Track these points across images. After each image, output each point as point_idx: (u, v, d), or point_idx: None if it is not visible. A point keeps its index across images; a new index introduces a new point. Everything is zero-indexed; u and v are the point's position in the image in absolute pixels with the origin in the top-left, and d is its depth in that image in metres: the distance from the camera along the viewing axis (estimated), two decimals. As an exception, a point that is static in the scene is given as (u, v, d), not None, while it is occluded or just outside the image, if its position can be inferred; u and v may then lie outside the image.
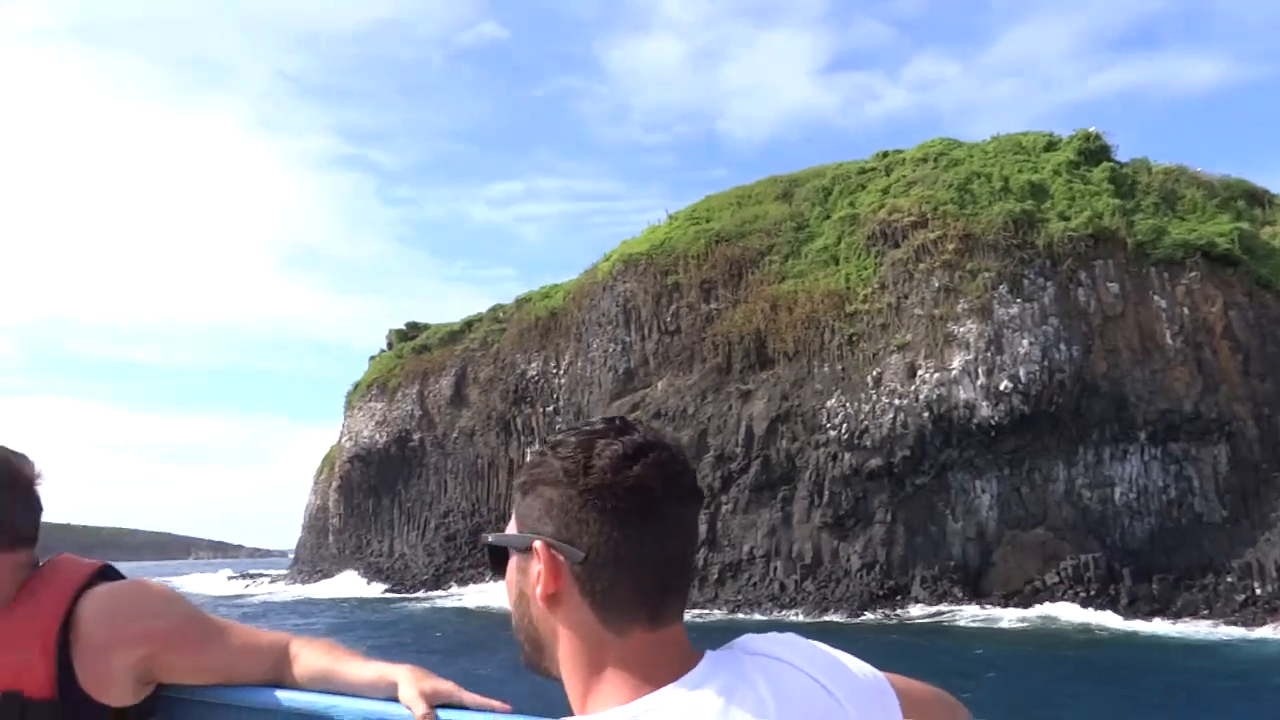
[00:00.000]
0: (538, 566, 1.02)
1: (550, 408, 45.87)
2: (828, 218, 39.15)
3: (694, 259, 39.42)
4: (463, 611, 35.74)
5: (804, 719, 1.00)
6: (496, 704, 1.36)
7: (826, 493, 32.98)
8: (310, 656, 1.54)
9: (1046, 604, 29.11)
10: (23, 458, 1.56)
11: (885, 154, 41.02)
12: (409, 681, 1.40)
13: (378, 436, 54.86)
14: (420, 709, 1.35)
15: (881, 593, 31.17)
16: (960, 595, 30.52)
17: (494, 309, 54.22)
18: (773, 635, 1.08)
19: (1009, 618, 28.02)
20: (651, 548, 1.01)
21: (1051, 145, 38.08)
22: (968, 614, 28.92)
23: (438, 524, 50.40)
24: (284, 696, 1.48)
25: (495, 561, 1.08)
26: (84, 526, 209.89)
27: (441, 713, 1.35)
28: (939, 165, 38.22)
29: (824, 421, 33.53)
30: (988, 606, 29.75)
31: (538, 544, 1.02)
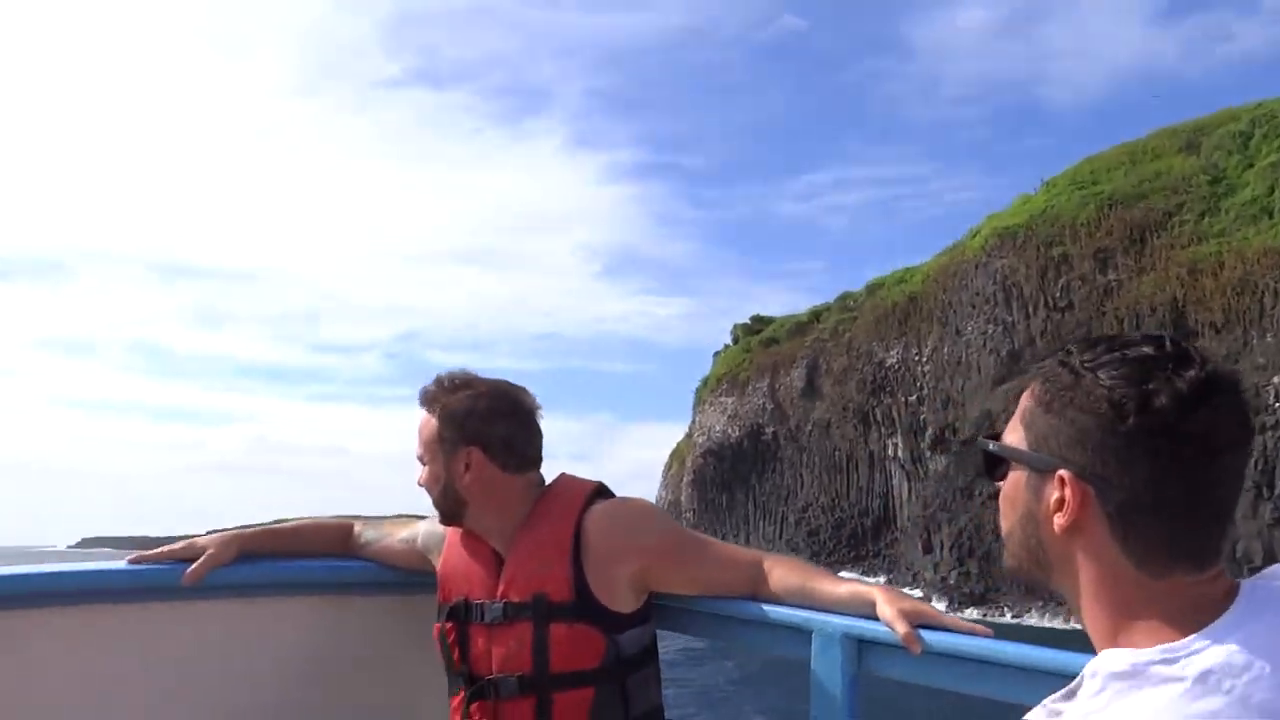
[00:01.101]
0: (1056, 494, 0.92)
1: (913, 396, 43.31)
2: (1250, 166, 33.46)
3: (1083, 227, 35.29)
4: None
5: None
6: (979, 628, 1.38)
7: (1278, 485, 27.94)
8: (784, 573, 1.64)
9: None
10: (522, 389, 1.73)
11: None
12: (887, 601, 1.45)
13: (730, 431, 55.10)
14: (902, 627, 1.39)
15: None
16: None
17: (842, 297, 52.48)
18: None
19: None
20: (1205, 497, 0.89)
21: None
22: None
23: (797, 519, 49.50)
24: (766, 609, 1.58)
25: (989, 466, 1.00)
26: None
27: (923, 632, 1.37)
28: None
29: (1271, 400, 28.47)
30: None
31: (1064, 473, 0.91)
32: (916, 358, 44.14)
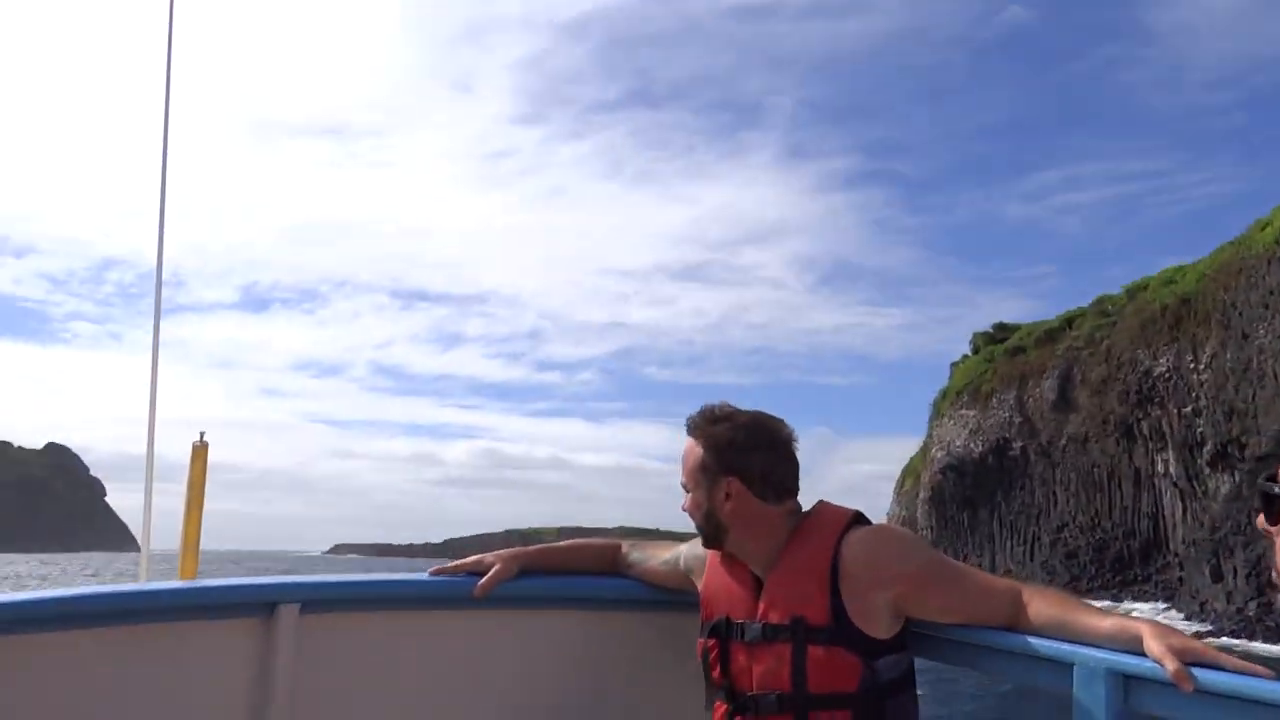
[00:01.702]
0: None
1: (1188, 408, 39.21)
2: None
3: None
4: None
5: None
6: (1259, 669, 1.32)
7: None
8: (1043, 604, 1.61)
9: None
10: (779, 421, 1.81)
11: None
12: (1155, 636, 1.41)
13: (972, 445, 52.21)
14: (1172, 664, 1.34)
15: None
16: None
17: (1098, 301, 48.55)
18: None
19: None
20: None
21: None
22: None
23: (1051, 539, 46.10)
24: (1026, 640, 1.57)
25: (1268, 506, 1.03)
26: (681, 532, 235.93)
27: (1196, 671, 1.32)
28: None
29: None
30: None
31: None
32: (1191, 365, 39.96)
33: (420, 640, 1.95)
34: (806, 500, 1.86)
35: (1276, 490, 0.97)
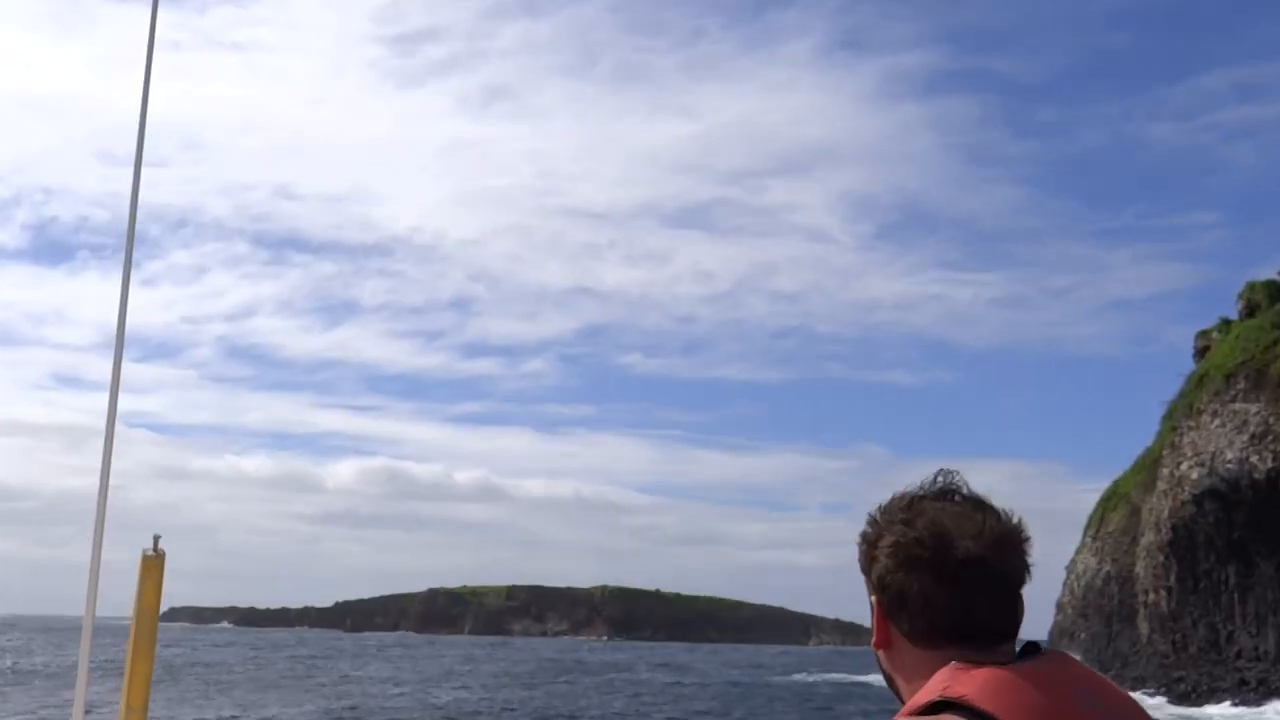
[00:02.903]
0: None
1: None
2: None
3: None
4: None
5: None
6: None
7: None
8: None
9: None
10: (976, 520, 1.75)
11: None
12: None
13: (1254, 459, 41.71)
14: None
15: None
16: None
17: None
18: None
19: None
20: None
21: None
22: None
23: None
24: None
25: None
26: (674, 595, 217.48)
27: None
28: None
29: None
30: None
31: None
32: None
33: None
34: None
35: None
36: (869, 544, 1.77)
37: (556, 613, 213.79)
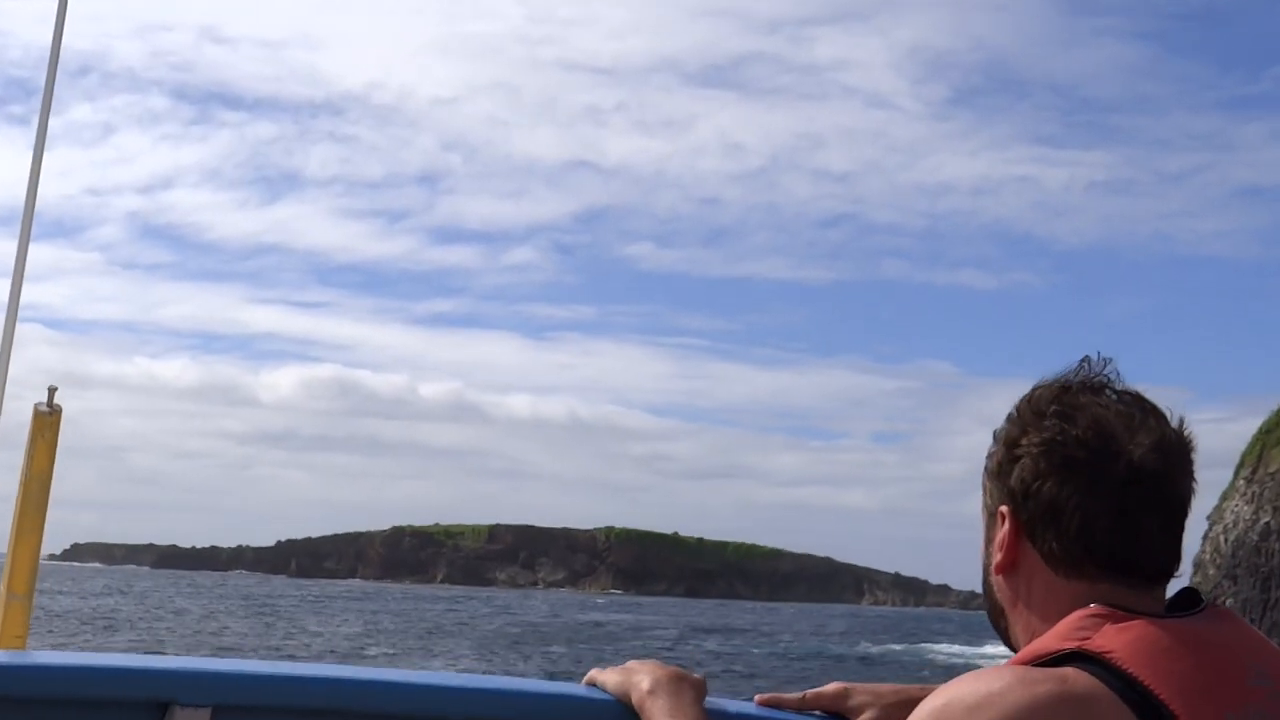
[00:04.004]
0: None
1: None
2: None
3: None
4: None
5: None
6: None
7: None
8: None
9: None
10: (1141, 425, 1.78)
11: None
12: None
13: None
14: None
15: None
16: None
17: None
18: None
19: None
20: None
21: None
22: None
23: None
24: None
25: None
26: (695, 540, 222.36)
27: None
28: None
29: None
30: None
31: None
32: None
33: None
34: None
35: None
36: (1008, 443, 1.77)
37: (550, 559, 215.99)
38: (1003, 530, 1.77)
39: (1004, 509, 1.78)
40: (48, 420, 2.42)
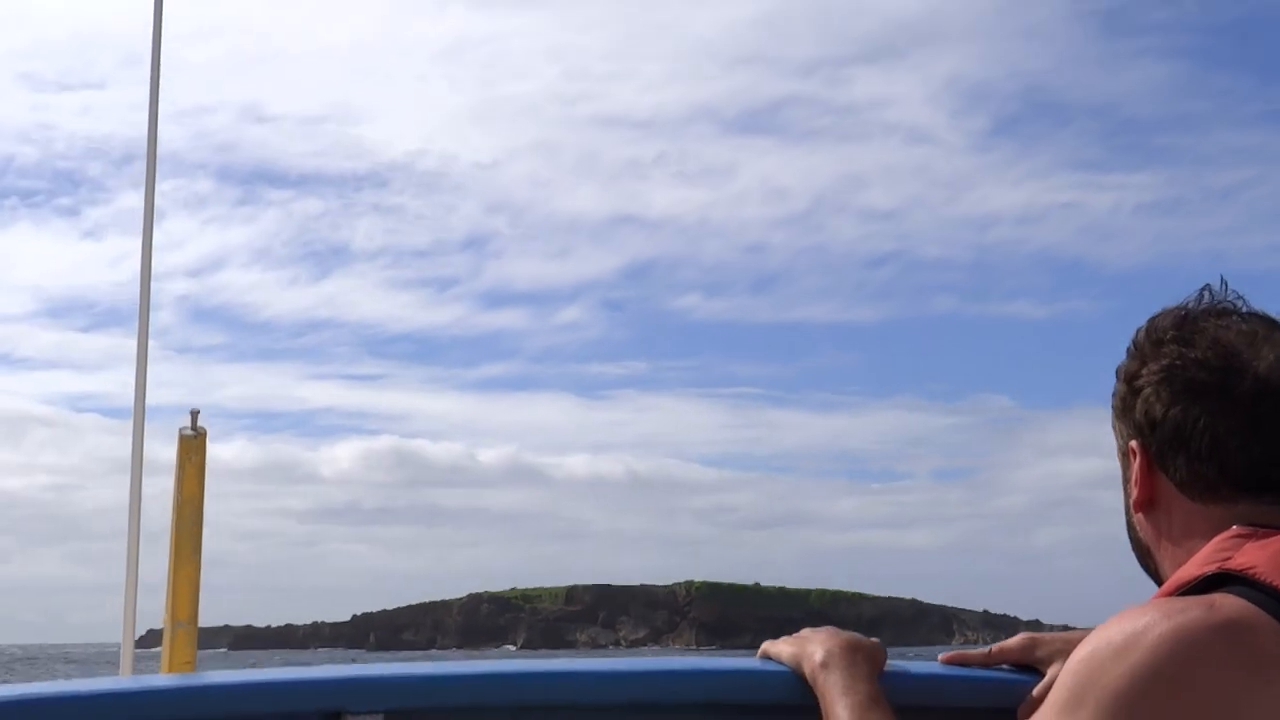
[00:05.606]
0: None
1: None
2: None
3: None
4: None
5: None
6: None
7: None
8: None
9: None
10: (1266, 340, 1.79)
11: None
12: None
13: None
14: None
15: None
16: None
17: None
18: None
19: None
20: None
21: None
22: None
23: None
24: None
25: None
26: (777, 590, 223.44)
27: None
28: None
29: None
30: None
31: None
32: None
33: None
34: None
35: None
36: (1128, 378, 1.76)
37: (630, 617, 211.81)
38: (1135, 466, 1.74)
39: (1134, 444, 1.75)
40: (194, 443, 2.66)
